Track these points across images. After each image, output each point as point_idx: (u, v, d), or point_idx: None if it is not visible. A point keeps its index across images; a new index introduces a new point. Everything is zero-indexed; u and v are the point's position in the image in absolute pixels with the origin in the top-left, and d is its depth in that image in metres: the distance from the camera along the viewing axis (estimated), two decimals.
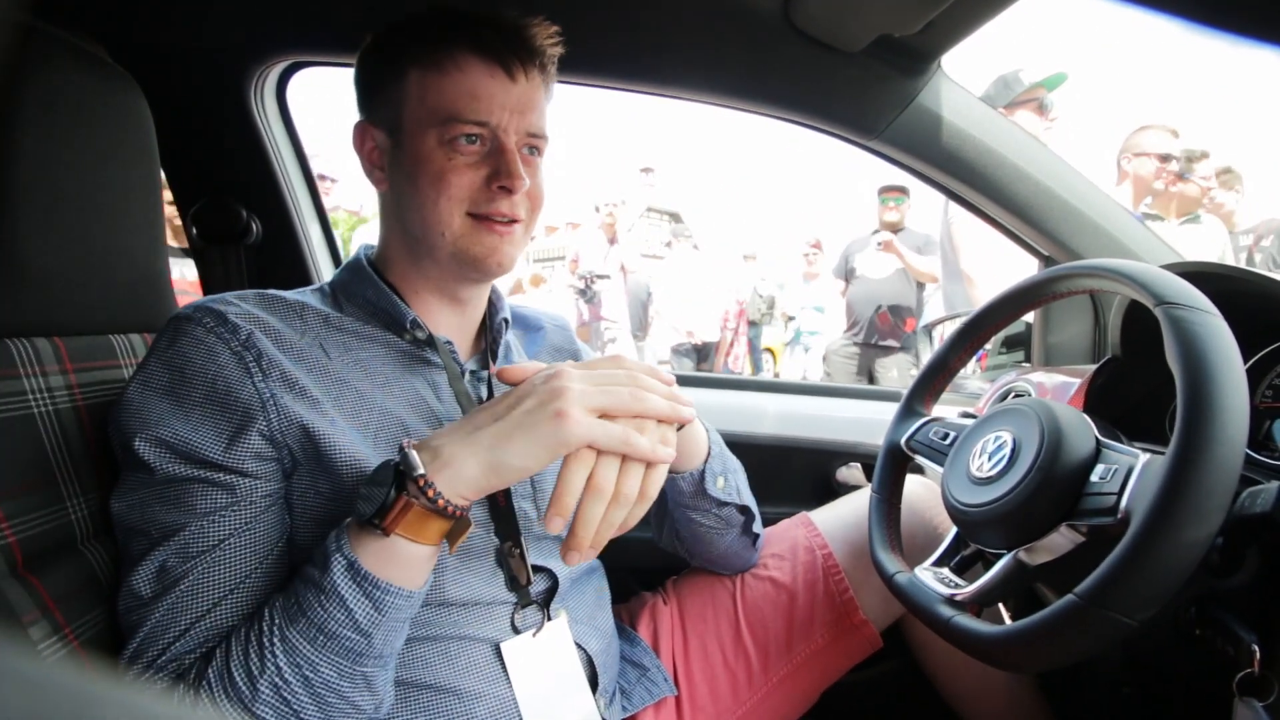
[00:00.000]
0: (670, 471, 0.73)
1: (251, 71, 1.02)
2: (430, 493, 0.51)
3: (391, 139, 0.68)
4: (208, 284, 1.15)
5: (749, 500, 0.82)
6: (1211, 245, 2.65)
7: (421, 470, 0.51)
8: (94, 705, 0.13)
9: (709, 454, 0.75)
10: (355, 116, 0.72)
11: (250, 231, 1.10)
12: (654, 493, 0.56)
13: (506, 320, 0.79)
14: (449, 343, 0.71)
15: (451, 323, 0.74)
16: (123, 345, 0.70)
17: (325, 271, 1.22)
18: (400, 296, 0.70)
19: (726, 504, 0.78)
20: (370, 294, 0.70)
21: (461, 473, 0.52)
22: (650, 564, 1.00)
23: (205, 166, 1.10)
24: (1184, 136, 2.55)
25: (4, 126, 0.56)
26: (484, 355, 0.77)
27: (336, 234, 1.29)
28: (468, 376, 0.73)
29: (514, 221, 0.67)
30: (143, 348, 0.72)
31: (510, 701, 0.66)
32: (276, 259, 1.15)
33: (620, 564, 0.84)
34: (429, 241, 0.67)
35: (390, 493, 0.50)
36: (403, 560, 0.53)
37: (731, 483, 0.79)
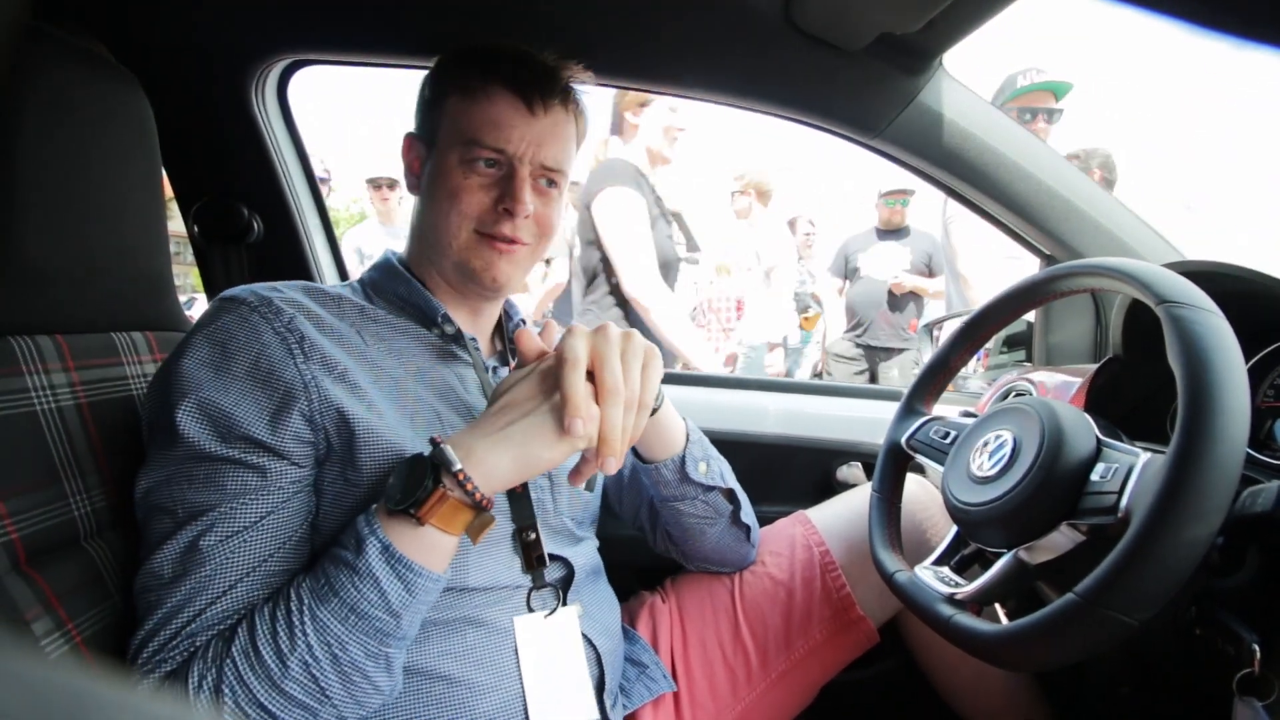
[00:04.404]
0: (650, 461, 0.77)
1: (253, 70, 1.02)
2: (468, 486, 0.55)
3: (427, 152, 0.74)
4: (209, 283, 1.15)
5: (734, 485, 0.83)
6: None
7: (459, 465, 0.54)
8: (95, 706, 0.13)
9: (688, 439, 0.77)
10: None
11: (251, 230, 1.11)
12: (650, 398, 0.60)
13: (523, 322, 0.84)
14: (473, 340, 0.75)
15: (469, 323, 0.78)
16: (125, 343, 0.70)
17: (326, 270, 1.23)
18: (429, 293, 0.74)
19: (712, 488, 0.79)
20: (402, 290, 0.74)
21: (496, 468, 0.56)
22: (649, 563, 1.00)
23: (207, 165, 1.10)
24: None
25: (5, 126, 0.56)
26: (503, 354, 0.83)
27: (336, 233, 1.29)
28: (491, 373, 0.77)
29: (516, 242, 0.72)
30: (145, 346, 0.72)
31: (518, 695, 0.67)
32: (278, 258, 1.15)
33: (620, 562, 0.84)
34: (439, 249, 0.73)
35: (428, 484, 0.54)
36: (430, 547, 0.57)
37: (715, 469, 0.80)
